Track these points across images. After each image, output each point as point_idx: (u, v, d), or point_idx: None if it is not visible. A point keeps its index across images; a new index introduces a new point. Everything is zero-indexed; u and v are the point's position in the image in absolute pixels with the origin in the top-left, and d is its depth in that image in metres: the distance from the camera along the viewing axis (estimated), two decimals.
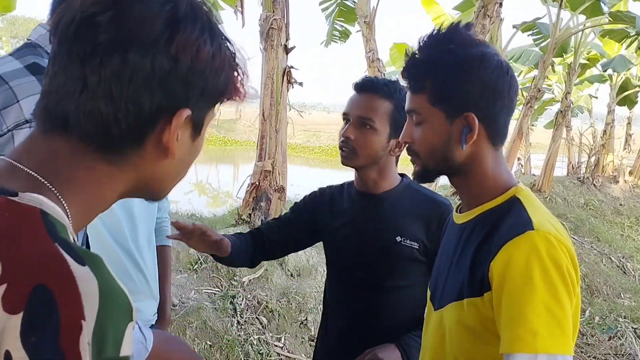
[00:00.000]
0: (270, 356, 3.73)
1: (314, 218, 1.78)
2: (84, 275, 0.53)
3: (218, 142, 30.66)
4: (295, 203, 1.90)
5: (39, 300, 0.50)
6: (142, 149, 0.66)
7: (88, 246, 1.18)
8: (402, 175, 1.76)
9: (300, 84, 4.84)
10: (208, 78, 0.67)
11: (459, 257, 1.18)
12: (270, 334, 3.90)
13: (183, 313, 3.61)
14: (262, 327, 3.93)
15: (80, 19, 0.61)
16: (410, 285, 1.67)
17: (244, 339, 3.74)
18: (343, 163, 1.67)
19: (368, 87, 1.64)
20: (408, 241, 1.62)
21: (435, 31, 1.15)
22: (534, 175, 12.50)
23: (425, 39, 1.15)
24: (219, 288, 4.02)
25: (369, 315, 1.67)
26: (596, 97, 16.23)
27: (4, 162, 0.63)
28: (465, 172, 1.17)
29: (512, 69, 1.15)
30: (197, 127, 0.71)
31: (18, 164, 0.62)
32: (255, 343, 3.76)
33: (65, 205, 0.62)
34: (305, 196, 1.88)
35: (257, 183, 4.72)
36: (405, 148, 1.26)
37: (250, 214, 4.69)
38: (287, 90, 4.84)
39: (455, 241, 1.24)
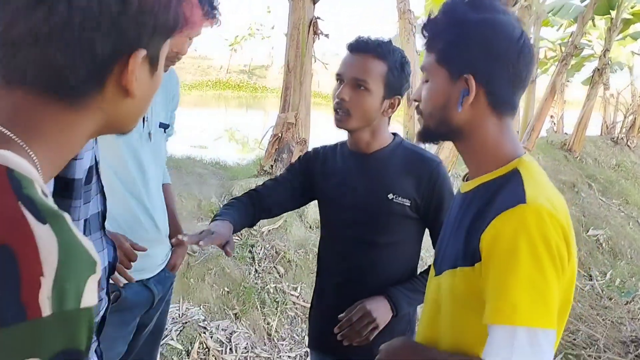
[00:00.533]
0: (286, 304, 3.84)
1: (309, 178, 1.81)
2: (43, 234, 0.56)
3: (249, 88, 30.60)
4: (291, 163, 1.93)
5: (2, 258, 0.54)
6: (103, 93, 0.68)
7: (103, 193, 1.20)
8: (394, 134, 1.77)
9: (327, 35, 4.77)
10: (158, 15, 0.68)
11: (458, 225, 1.20)
12: (287, 283, 4.01)
13: (202, 260, 3.72)
14: (279, 276, 4.04)
15: None
16: (402, 241, 1.71)
17: (260, 286, 3.85)
18: (337, 126, 1.68)
19: (362, 48, 1.63)
20: (400, 198, 1.65)
21: None
22: (566, 134, 12.18)
23: (448, 1, 1.15)
24: (238, 237, 4.11)
25: (362, 271, 1.72)
26: (639, 54, 15.57)
27: None
28: (465, 138, 1.17)
29: (528, 41, 1.13)
30: (153, 63, 0.73)
31: None
32: (271, 291, 3.87)
33: (34, 157, 0.64)
34: (300, 156, 1.91)
35: (280, 135, 4.74)
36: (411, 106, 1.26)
37: (272, 165, 4.74)
38: (313, 42, 4.78)
39: (457, 209, 1.25)
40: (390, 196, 1.65)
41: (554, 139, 11.04)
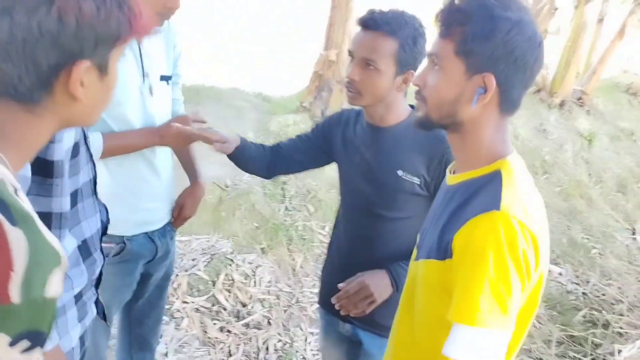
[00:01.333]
0: (313, 242, 3.97)
1: (328, 141, 1.83)
2: (15, 235, 0.67)
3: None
4: (316, 124, 1.95)
5: None
6: (53, 99, 0.78)
7: (92, 160, 1.27)
8: (412, 106, 1.74)
9: None
10: (98, 29, 0.76)
11: (438, 218, 1.23)
12: (316, 222, 4.12)
13: (234, 195, 3.87)
14: (309, 214, 4.15)
15: None
16: (409, 217, 1.73)
17: (289, 223, 3.98)
18: (350, 103, 1.69)
19: (372, 25, 1.58)
20: (409, 176, 1.66)
21: None
22: (636, 74, 11.39)
23: None
24: None
25: (369, 241, 1.76)
26: None
27: None
28: (463, 132, 1.17)
29: (544, 44, 1.11)
30: (102, 69, 0.81)
31: None
32: (300, 228, 4.00)
33: (3, 157, 0.75)
34: (325, 118, 1.92)
35: (321, 72, 4.71)
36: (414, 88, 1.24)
37: (311, 102, 4.75)
38: None
39: (440, 201, 1.29)
40: (400, 173, 1.66)
41: (620, 80, 10.37)
